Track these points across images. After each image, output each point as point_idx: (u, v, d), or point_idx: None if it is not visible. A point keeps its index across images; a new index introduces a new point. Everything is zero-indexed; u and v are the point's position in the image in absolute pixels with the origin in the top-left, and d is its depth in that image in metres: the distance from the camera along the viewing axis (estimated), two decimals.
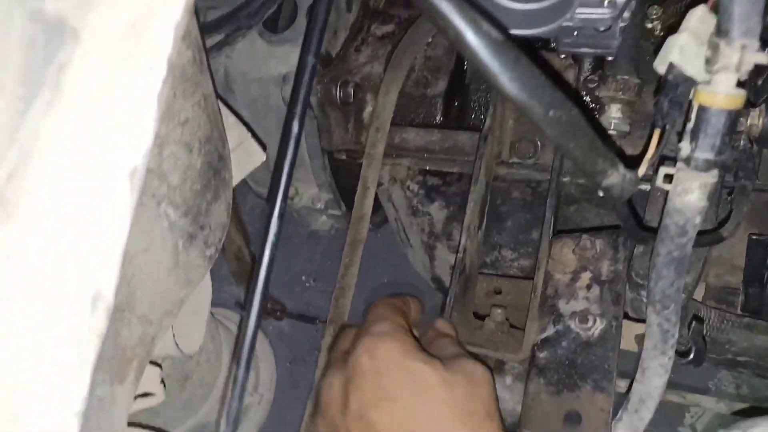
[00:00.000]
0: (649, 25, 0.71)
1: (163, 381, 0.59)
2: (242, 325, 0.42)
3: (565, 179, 0.77)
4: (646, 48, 0.75)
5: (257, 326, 0.46)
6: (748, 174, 0.54)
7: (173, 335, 0.60)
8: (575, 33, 0.57)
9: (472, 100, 0.87)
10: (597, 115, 0.76)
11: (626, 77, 0.71)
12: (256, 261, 0.41)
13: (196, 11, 0.47)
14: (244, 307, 1.09)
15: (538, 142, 0.78)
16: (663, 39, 0.73)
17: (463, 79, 0.88)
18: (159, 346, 0.56)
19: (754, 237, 0.71)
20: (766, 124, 0.52)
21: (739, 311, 0.76)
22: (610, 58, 0.67)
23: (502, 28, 0.40)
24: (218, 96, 0.72)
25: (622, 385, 0.82)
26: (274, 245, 0.41)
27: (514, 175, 0.81)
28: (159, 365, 0.60)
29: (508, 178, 0.82)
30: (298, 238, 1.28)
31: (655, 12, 0.69)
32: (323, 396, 0.49)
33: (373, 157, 0.80)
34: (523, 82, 0.36)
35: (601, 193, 0.41)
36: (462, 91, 0.88)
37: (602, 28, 0.55)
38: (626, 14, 0.55)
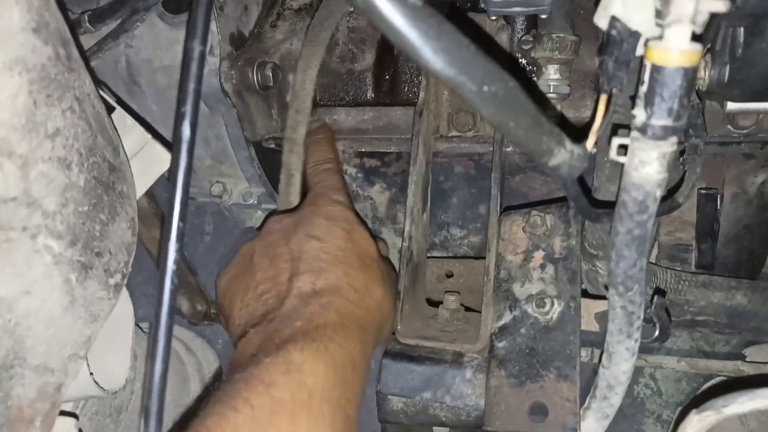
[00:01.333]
0: None
1: (80, 430, 0.52)
2: (147, 375, 0.36)
3: (508, 149, 0.73)
4: (580, 1, 0.71)
5: (167, 355, 0.38)
6: (698, 131, 0.51)
7: (90, 374, 0.53)
8: None
9: (404, 72, 0.81)
10: (535, 78, 0.72)
11: (562, 35, 0.66)
12: (156, 305, 0.34)
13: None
14: (183, 315, 1.00)
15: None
16: None
17: (391, 49, 0.81)
18: (73, 390, 0.49)
19: (703, 191, 0.69)
20: (713, 77, 0.48)
21: (693, 268, 0.74)
22: (543, 16, 0.62)
23: None
24: (115, 94, 0.63)
25: (582, 354, 0.80)
26: (174, 276, 0.34)
27: (455, 149, 0.76)
28: (75, 415, 0.53)
29: (449, 152, 0.77)
30: (239, 230, 1.21)
31: None
32: (270, 226, 0.61)
33: (294, 141, 0.72)
34: (450, 53, 0.30)
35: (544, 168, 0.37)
36: (392, 62, 0.81)
37: None
38: None
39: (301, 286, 0.54)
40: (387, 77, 0.82)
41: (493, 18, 0.68)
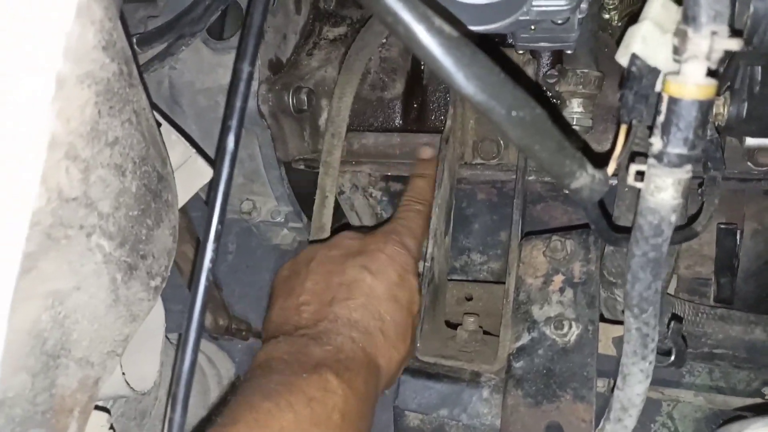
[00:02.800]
0: (606, 16, 0.69)
1: (113, 427, 0.54)
2: (177, 362, 0.38)
3: (530, 178, 0.75)
4: (605, 39, 0.74)
5: (194, 362, 0.41)
6: (717, 164, 0.53)
7: (122, 373, 0.55)
8: (532, 27, 0.55)
9: (431, 101, 0.84)
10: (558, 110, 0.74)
11: (586, 70, 0.69)
12: (191, 292, 0.37)
13: (123, 19, 0.43)
14: (205, 330, 1.02)
15: (501, 142, 0.76)
16: (621, 29, 0.72)
17: (420, 79, 0.85)
18: (106, 388, 0.51)
19: (723, 226, 0.70)
20: (732, 113, 0.50)
21: (712, 302, 0.75)
22: (569, 52, 0.65)
23: (456, 23, 0.37)
24: (160, 111, 0.67)
25: (600, 384, 0.80)
26: (210, 272, 0.37)
27: (479, 177, 0.78)
28: (107, 410, 0.55)
29: (473, 179, 0.79)
30: (261, 250, 1.24)
31: (611, 2, 0.67)
32: (339, 241, 0.64)
33: (329, 164, 0.76)
34: (482, 80, 0.33)
35: (566, 191, 0.39)
36: (420, 92, 0.85)
37: (560, 21, 0.53)
38: (584, 5, 0.53)
39: (338, 312, 0.57)
40: (415, 105, 0.85)
41: (520, 52, 0.71)
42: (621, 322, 0.59)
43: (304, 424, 0.46)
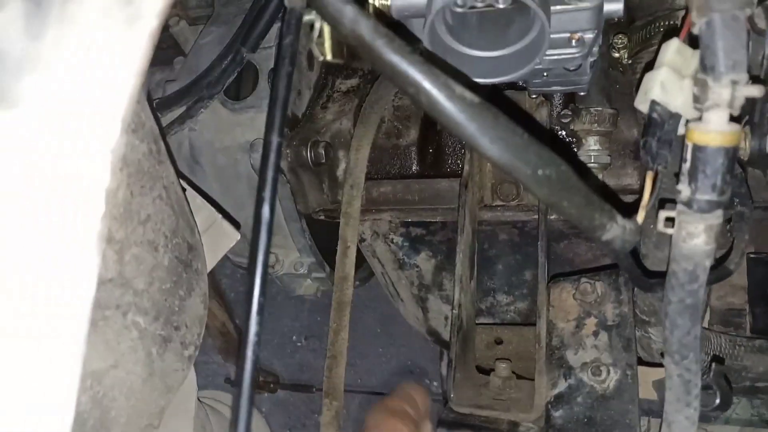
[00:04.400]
0: (616, 54, 0.70)
1: None
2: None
3: (552, 217, 0.75)
4: (615, 77, 0.74)
5: (249, 422, 0.41)
6: (744, 200, 0.52)
7: None
8: (545, 74, 0.56)
9: (447, 145, 0.85)
10: (575, 149, 0.75)
11: (600, 108, 0.70)
12: (240, 351, 0.37)
13: (149, 92, 0.44)
14: (233, 384, 1.03)
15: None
16: (631, 67, 0.72)
17: (434, 124, 0.86)
18: None
19: (753, 256, 0.69)
20: (754, 147, 0.50)
21: (748, 333, 0.73)
22: (582, 93, 0.65)
23: (475, 88, 0.38)
24: (183, 176, 0.69)
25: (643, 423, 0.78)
26: (256, 346, 0.37)
27: (499, 218, 0.78)
28: None
29: (493, 220, 0.79)
30: (282, 296, 1.24)
31: (620, 41, 0.68)
32: None
33: (350, 215, 0.77)
34: (506, 142, 0.33)
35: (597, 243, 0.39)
36: (435, 137, 0.86)
37: (572, 68, 0.54)
38: (595, 49, 0.54)
39: None
40: (431, 150, 0.86)
41: (533, 96, 0.72)
42: (660, 365, 0.58)
43: None
